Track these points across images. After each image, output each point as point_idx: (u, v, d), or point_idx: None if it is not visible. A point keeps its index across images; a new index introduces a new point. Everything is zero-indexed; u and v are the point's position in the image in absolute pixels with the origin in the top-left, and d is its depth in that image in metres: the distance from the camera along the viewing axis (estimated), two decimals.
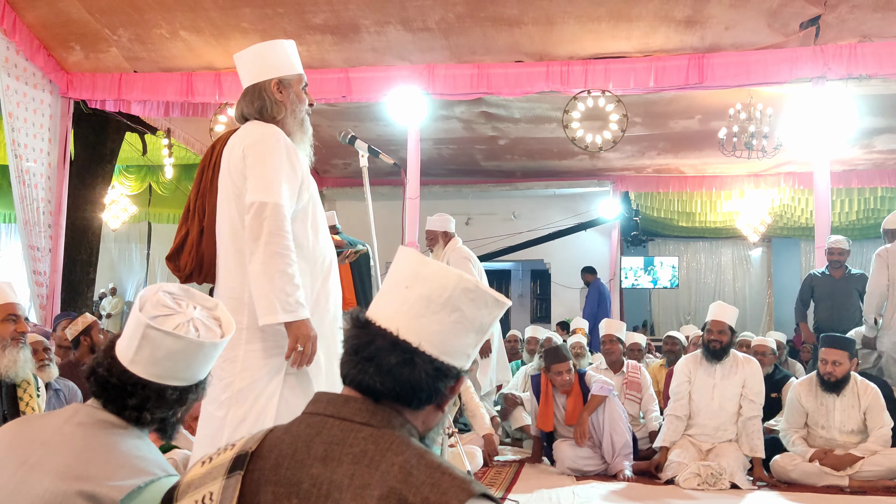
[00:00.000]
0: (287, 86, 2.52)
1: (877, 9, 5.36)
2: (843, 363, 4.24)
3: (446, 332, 1.15)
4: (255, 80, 2.52)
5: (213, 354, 1.53)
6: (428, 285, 1.15)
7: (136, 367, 1.46)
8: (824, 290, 6.10)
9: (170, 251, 2.57)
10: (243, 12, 5.89)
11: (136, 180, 11.05)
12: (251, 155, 2.37)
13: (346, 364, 1.18)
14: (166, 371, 1.47)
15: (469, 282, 1.16)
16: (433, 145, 9.21)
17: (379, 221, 3.05)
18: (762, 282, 13.36)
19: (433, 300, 1.15)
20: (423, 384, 1.14)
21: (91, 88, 6.73)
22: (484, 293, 1.17)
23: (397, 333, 1.14)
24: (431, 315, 1.14)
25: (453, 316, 1.15)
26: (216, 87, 6.63)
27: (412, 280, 1.17)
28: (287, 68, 2.54)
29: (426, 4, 5.69)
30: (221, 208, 2.48)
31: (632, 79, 6.11)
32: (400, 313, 1.15)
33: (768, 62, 5.81)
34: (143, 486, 1.38)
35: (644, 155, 9.51)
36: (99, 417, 1.47)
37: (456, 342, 1.16)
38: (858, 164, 9.40)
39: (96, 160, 8.40)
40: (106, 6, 5.86)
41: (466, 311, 1.16)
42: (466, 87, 6.42)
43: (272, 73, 2.51)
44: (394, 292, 1.18)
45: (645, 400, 5.03)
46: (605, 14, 5.69)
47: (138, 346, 1.45)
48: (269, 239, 2.26)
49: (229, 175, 2.44)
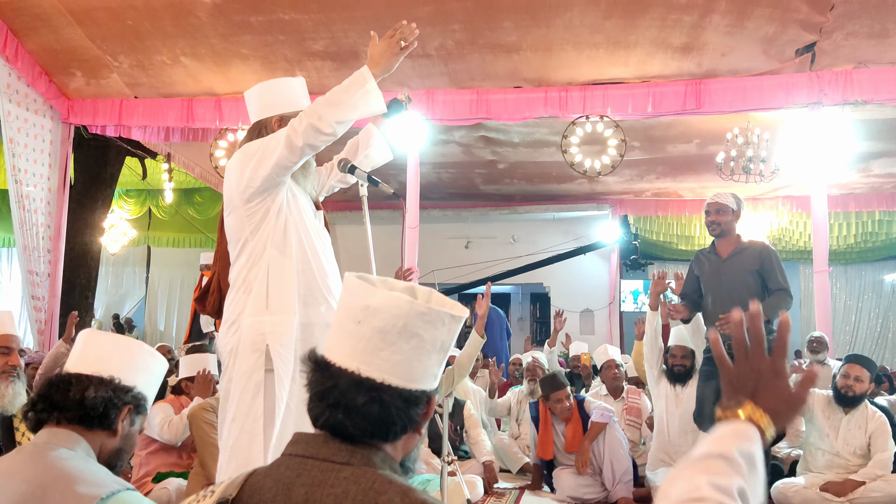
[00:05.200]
0: (288, 122, 2.53)
1: (871, 36, 5.41)
2: (864, 382, 4.28)
3: (408, 360, 1.13)
4: (258, 116, 2.59)
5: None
6: (380, 317, 1.12)
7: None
8: (709, 275, 4.28)
9: (199, 293, 2.74)
10: (244, 39, 5.94)
11: (136, 204, 11.08)
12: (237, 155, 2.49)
13: (314, 409, 1.15)
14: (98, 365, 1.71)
15: (421, 305, 1.13)
16: (432, 169, 9.25)
17: (378, 245, 3.05)
18: None
19: (388, 331, 1.12)
20: (396, 417, 1.12)
21: (92, 114, 6.77)
22: (438, 313, 1.14)
23: (359, 372, 1.11)
24: (390, 347, 1.12)
25: (412, 342, 1.13)
26: (216, 112, 6.67)
27: (363, 314, 1.13)
28: (290, 105, 2.58)
29: (426, 31, 5.73)
30: (228, 242, 2.58)
31: (630, 104, 6.16)
32: (357, 350, 1.12)
33: (764, 88, 5.86)
34: (105, 498, 1.43)
35: (643, 179, 9.54)
36: (45, 440, 1.60)
37: (419, 367, 1.14)
38: (856, 187, 9.43)
39: (96, 185, 8.42)
40: (108, 34, 5.91)
41: (424, 335, 1.13)
42: (466, 113, 6.46)
43: (274, 111, 2.56)
44: (346, 328, 1.15)
45: (645, 426, 4.99)
46: (603, 41, 5.74)
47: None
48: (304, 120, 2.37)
49: (227, 203, 2.53)
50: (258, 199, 2.43)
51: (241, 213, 2.46)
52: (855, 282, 12.73)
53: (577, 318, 11.14)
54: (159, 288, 14.16)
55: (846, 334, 12.64)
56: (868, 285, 12.72)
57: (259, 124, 2.57)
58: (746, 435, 0.96)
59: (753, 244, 4.22)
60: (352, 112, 2.38)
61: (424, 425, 1.20)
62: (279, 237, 2.45)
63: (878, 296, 12.72)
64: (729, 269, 4.13)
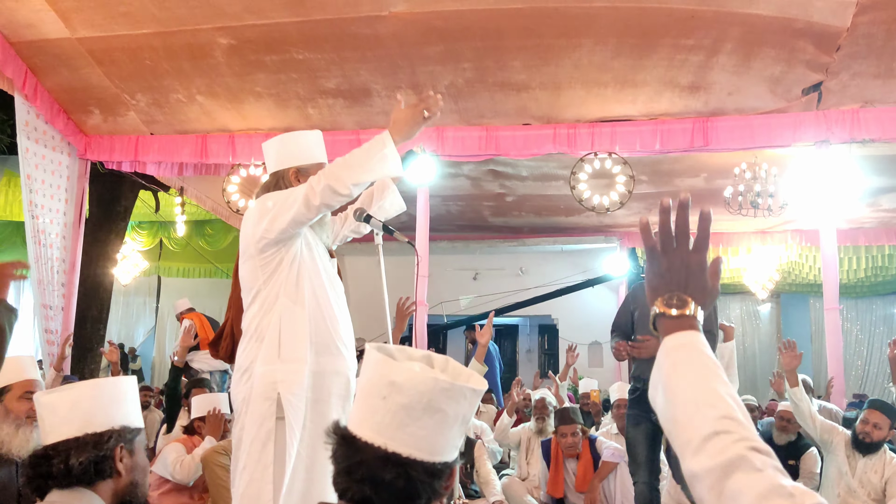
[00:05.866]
0: (305, 174, 2.62)
1: (877, 76, 5.47)
2: (883, 429, 4.28)
3: (432, 434, 1.16)
4: (276, 167, 2.67)
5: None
6: (405, 394, 1.16)
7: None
8: (643, 308, 3.91)
9: (213, 338, 2.80)
10: (258, 77, 6.06)
11: (149, 236, 11.19)
12: (255, 206, 2.55)
13: (340, 483, 1.18)
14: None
15: (444, 381, 1.17)
16: (441, 202, 9.32)
17: (387, 275, 3.08)
18: (771, 337, 13.26)
19: (413, 407, 1.16)
20: (421, 491, 1.15)
21: (109, 150, 6.89)
22: (461, 388, 1.18)
23: (386, 448, 1.15)
24: (415, 422, 1.15)
25: (436, 417, 1.16)
26: (230, 148, 6.78)
27: (388, 390, 1.17)
28: (307, 158, 2.66)
29: (436, 70, 5.85)
30: (242, 290, 2.63)
31: (638, 141, 6.22)
32: (383, 425, 1.16)
33: (772, 126, 5.92)
34: None
35: (651, 212, 9.57)
36: (57, 501, 1.65)
37: (442, 440, 1.18)
38: (865, 221, 9.44)
39: (110, 218, 8.53)
40: (126, 73, 6.04)
41: (448, 410, 1.17)
42: (475, 149, 6.53)
43: (292, 162, 2.64)
44: (371, 403, 1.18)
45: None
46: (611, 80, 5.83)
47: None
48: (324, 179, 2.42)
49: (242, 251, 2.59)
50: (272, 250, 2.50)
51: (256, 263, 2.52)
52: (866, 315, 12.66)
53: (586, 351, 11.11)
54: (169, 318, 14.21)
55: (858, 368, 12.54)
56: (879, 319, 12.65)
57: (276, 175, 2.65)
58: (702, 351, 0.98)
59: None
60: (369, 175, 2.45)
61: (447, 496, 1.22)
62: (292, 287, 2.50)
63: (890, 329, 12.63)
64: None
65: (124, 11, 5.26)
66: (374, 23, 5.25)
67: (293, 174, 2.62)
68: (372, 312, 4.94)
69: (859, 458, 4.30)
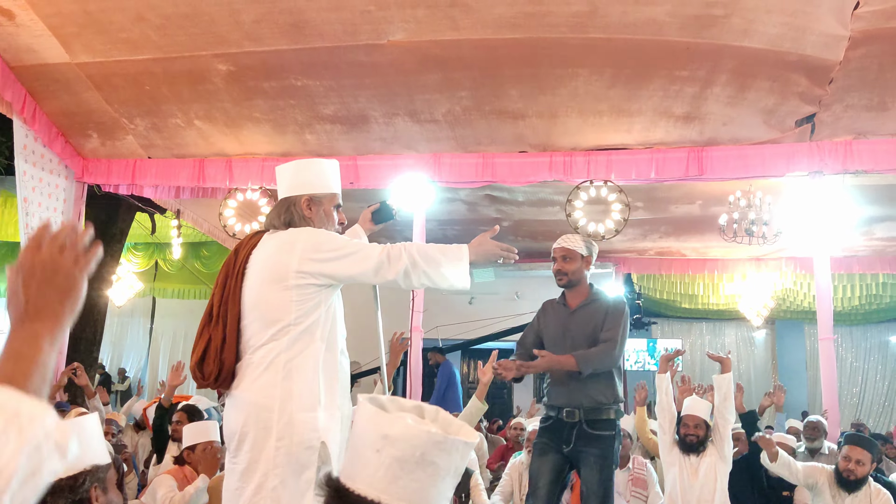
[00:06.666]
0: (317, 203, 2.61)
1: (870, 108, 5.53)
2: (866, 464, 4.23)
3: (425, 487, 1.17)
4: (287, 193, 2.63)
5: None
6: (398, 447, 1.17)
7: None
8: (554, 328, 3.82)
9: (195, 359, 2.57)
10: (256, 103, 6.09)
11: (144, 258, 11.19)
12: (317, 256, 2.45)
13: None
14: None
15: (437, 434, 1.18)
16: (437, 226, 9.34)
17: (383, 299, 3.06)
18: (767, 364, 13.27)
19: (406, 461, 1.16)
20: None
21: (106, 174, 6.90)
22: (454, 442, 1.19)
23: (379, 501, 1.15)
24: (408, 475, 1.16)
25: (429, 470, 1.17)
26: (227, 173, 6.80)
27: (381, 443, 1.18)
28: (320, 186, 2.64)
29: (433, 98, 5.90)
30: (251, 314, 2.50)
31: (633, 170, 6.26)
32: (376, 479, 1.16)
33: (765, 156, 5.97)
34: None
35: (646, 238, 9.62)
36: None
37: (434, 492, 1.19)
38: (859, 250, 9.49)
39: (106, 240, 8.53)
40: (125, 98, 6.08)
41: (440, 463, 1.18)
42: (472, 175, 6.57)
43: (305, 190, 2.61)
44: (365, 455, 1.19)
45: (651, 497, 4.93)
46: (607, 109, 5.88)
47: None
48: (403, 259, 2.45)
49: (277, 277, 2.46)
50: (313, 290, 2.44)
51: (291, 295, 2.41)
52: (861, 343, 12.69)
53: None
54: (163, 339, 14.17)
55: (853, 396, 12.54)
56: (874, 346, 12.68)
57: (288, 201, 2.60)
58: None
59: (605, 296, 3.78)
60: (440, 278, 2.50)
61: None
62: (327, 332, 2.48)
63: (885, 357, 12.66)
64: (576, 323, 3.69)
65: (125, 37, 5.31)
66: (372, 51, 5.31)
67: (305, 202, 2.58)
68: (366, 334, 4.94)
69: (845, 496, 4.24)
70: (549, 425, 3.75)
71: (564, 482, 3.72)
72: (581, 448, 3.61)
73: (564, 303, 3.82)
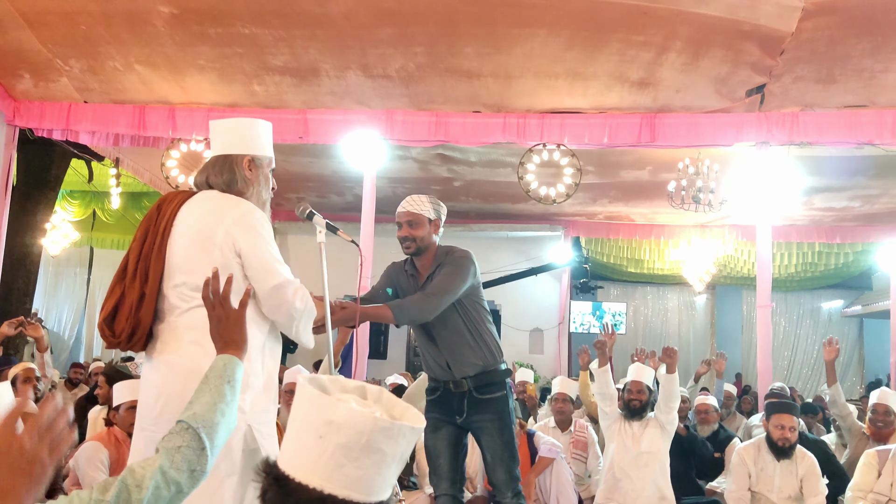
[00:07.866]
0: (258, 165, 2.52)
1: (818, 81, 5.62)
2: (796, 429, 4.25)
3: (370, 474, 1.12)
4: (227, 150, 2.50)
5: None
6: (343, 433, 1.11)
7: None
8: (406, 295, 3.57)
9: (104, 315, 2.39)
10: (201, 50, 5.82)
11: (80, 206, 10.75)
12: (242, 235, 2.33)
13: None
14: None
15: (383, 420, 1.13)
16: (388, 184, 9.20)
17: (331, 256, 2.90)
18: (706, 328, 13.69)
19: (351, 447, 1.11)
20: None
21: (39, 117, 6.54)
22: (401, 428, 1.14)
23: (322, 489, 1.10)
24: (352, 462, 1.11)
25: (374, 457, 1.12)
26: (170, 122, 6.52)
27: (324, 429, 1.12)
28: (261, 148, 2.55)
29: (387, 52, 5.74)
30: (177, 275, 2.36)
31: (586, 134, 6.26)
32: (319, 466, 1.11)
33: (715, 125, 6.03)
34: None
35: (596, 202, 9.70)
36: None
37: (379, 480, 1.14)
38: (798, 219, 9.77)
39: (39, 186, 8.16)
40: (59, 37, 5.73)
41: (387, 450, 1.13)
42: (424, 135, 6.46)
43: (247, 150, 2.50)
44: (306, 441, 1.13)
45: (590, 459, 5.05)
46: (563, 71, 5.83)
47: None
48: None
49: (206, 243, 2.33)
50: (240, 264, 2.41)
51: (222, 263, 2.25)
52: (795, 309, 13.20)
53: (527, 337, 11.24)
54: (100, 290, 13.73)
55: (784, 359, 13.07)
56: (807, 312, 13.20)
57: (228, 159, 2.48)
58: None
59: (452, 252, 3.49)
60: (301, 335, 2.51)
61: None
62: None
63: (816, 323, 13.21)
64: None
65: None
66: (324, 1, 5.11)
67: (247, 162, 2.49)
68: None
69: (775, 464, 4.24)
70: (438, 397, 3.51)
71: (464, 450, 3.56)
72: (475, 416, 3.40)
73: (414, 272, 3.53)
